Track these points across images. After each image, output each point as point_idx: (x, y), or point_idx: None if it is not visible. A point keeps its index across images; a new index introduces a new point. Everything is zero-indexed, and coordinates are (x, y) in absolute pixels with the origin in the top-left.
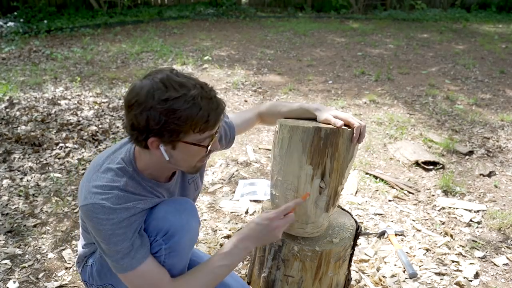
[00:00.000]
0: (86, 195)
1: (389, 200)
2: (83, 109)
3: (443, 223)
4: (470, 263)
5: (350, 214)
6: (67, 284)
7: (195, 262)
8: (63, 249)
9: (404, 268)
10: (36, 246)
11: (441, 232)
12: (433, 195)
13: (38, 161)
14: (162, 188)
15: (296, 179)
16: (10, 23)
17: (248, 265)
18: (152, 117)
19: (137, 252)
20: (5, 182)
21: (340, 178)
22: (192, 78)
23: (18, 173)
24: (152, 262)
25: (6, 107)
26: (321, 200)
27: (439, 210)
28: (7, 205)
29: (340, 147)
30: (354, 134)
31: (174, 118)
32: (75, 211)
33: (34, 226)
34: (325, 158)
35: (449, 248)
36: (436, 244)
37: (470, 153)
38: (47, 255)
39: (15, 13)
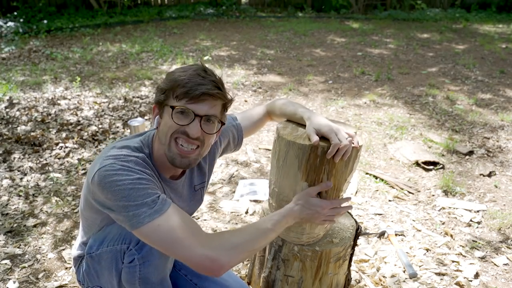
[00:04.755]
0: (102, 161)
1: (389, 200)
2: (83, 109)
3: (443, 223)
4: (470, 263)
5: (350, 214)
6: (67, 284)
7: None
8: (63, 249)
9: (404, 268)
10: (36, 246)
11: (441, 232)
12: (433, 195)
13: (38, 161)
14: (166, 184)
15: (291, 193)
16: (10, 23)
17: (248, 265)
18: (159, 85)
19: (162, 204)
20: (5, 182)
21: (337, 192)
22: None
23: (18, 173)
24: (174, 212)
25: (6, 107)
26: None
27: (439, 210)
28: (7, 205)
29: (337, 164)
30: (329, 150)
31: (166, 80)
32: (75, 211)
33: (34, 226)
34: (321, 175)
35: (449, 248)
36: (436, 244)
37: (470, 153)
38: (47, 255)
39: (15, 13)
